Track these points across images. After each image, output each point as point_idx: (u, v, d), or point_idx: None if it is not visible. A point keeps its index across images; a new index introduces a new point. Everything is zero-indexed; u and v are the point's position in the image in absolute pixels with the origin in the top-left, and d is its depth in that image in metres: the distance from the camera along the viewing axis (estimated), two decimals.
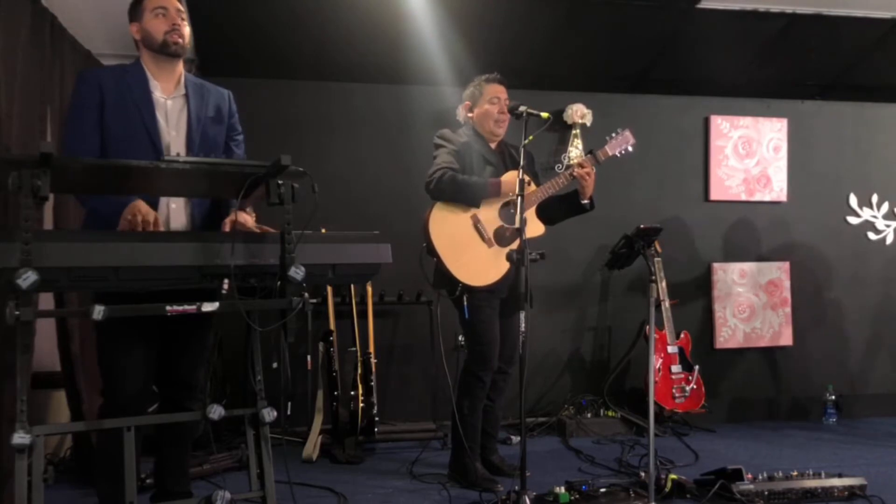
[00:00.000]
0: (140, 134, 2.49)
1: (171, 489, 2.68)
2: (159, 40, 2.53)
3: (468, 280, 3.36)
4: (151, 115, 2.52)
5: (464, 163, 3.45)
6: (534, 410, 4.73)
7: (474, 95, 3.58)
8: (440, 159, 3.44)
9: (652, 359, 3.16)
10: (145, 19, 2.54)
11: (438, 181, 3.35)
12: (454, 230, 3.40)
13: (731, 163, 5.13)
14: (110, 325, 2.35)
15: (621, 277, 4.92)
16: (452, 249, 3.37)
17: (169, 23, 2.53)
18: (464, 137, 3.54)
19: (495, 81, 3.57)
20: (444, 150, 3.48)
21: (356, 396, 4.03)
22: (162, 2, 2.54)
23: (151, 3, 2.54)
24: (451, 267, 3.36)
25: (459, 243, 3.39)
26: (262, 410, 2.38)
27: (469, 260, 3.39)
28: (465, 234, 3.40)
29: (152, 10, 2.53)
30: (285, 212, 2.21)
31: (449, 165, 3.39)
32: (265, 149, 2.69)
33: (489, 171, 3.49)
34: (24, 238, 1.89)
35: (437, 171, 3.37)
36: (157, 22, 2.53)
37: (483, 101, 3.54)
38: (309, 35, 4.31)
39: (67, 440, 3.66)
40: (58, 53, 3.32)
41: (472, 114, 3.58)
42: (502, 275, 3.41)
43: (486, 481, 3.41)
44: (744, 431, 4.72)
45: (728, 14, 4.41)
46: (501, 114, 3.51)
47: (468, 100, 3.61)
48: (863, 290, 5.23)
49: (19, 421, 1.98)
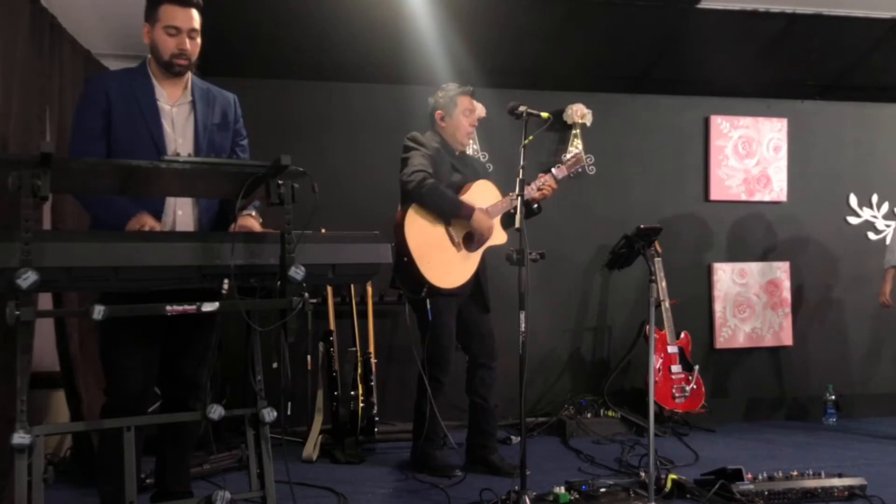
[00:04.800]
0: (145, 140, 2.49)
1: (171, 489, 2.68)
2: (164, 59, 2.53)
3: (437, 282, 3.44)
4: (157, 122, 2.52)
5: (436, 168, 3.53)
6: (534, 410, 4.73)
7: (448, 106, 3.64)
8: (416, 161, 3.50)
9: (652, 359, 3.17)
10: (157, 31, 2.52)
11: (420, 184, 3.42)
12: (427, 233, 3.49)
13: (731, 163, 5.13)
14: (115, 324, 2.36)
15: (621, 277, 4.92)
16: (424, 251, 3.45)
17: (177, 45, 2.51)
18: (434, 143, 3.61)
19: (468, 94, 3.66)
20: (417, 152, 3.53)
21: (356, 396, 4.03)
22: (177, 21, 2.50)
23: (166, 18, 2.50)
24: (421, 268, 3.42)
25: (431, 246, 3.48)
26: (262, 410, 2.38)
27: (438, 263, 3.48)
28: (437, 238, 3.50)
29: (165, 27, 2.50)
30: (285, 212, 2.21)
31: (427, 170, 3.46)
32: (265, 149, 2.70)
33: (457, 178, 3.62)
34: (24, 238, 1.89)
35: (418, 174, 3.43)
36: (167, 40, 2.51)
37: (457, 112, 3.62)
38: (309, 35, 4.31)
39: (67, 440, 3.66)
40: (57, 53, 3.32)
41: (444, 123, 3.65)
42: (468, 278, 3.55)
43: (446, 468, 3.58)
44: (744, 431, 4.72)
45: (728, 14, 4.41)
46: (472, 126, 3.68)
47: (440, 109, 3.64)
48: (863, 289, 5.22)
49: (19, 421, 1.98)
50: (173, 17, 2.50)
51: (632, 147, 5.03)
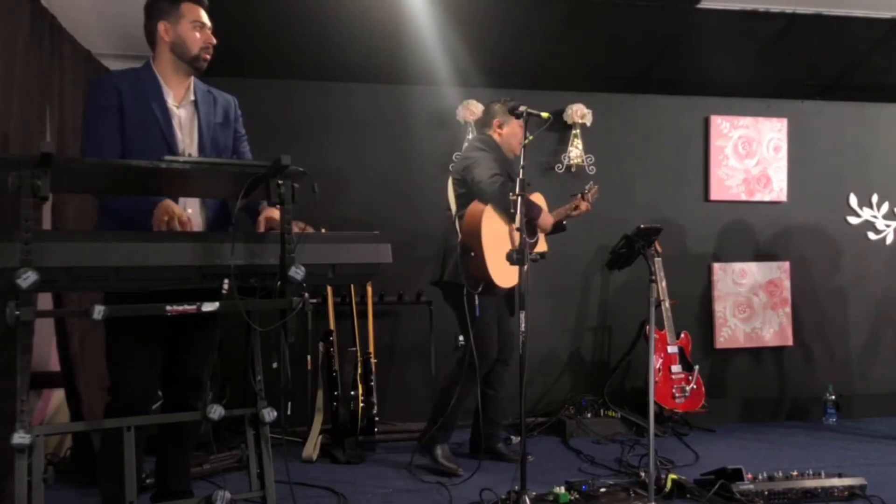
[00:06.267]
0: (157, 141, 2.48)
1: (171, 488, 2.68)
2: (193, 53, 2.56)
3: (498, 280, 3.59)
4: (168, 123, 2.53)
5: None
6: (534, 410, 4.73)
7: (506, 116, 3.79)
8: (489, 164, 3.64)
9: (652, 359, 3.17)
10: (182, 26, 2.54)
11: (502, 186, 3.54)
12: (499, 233, 3.64)
13: (731, 163, 5.13)
14: (119, 325, 2.36)
15: (621, 277, 4.92)
16: (495, 251, 3.58)
17: (205, 40, 2.58)
18: (497, 150, 3.80)
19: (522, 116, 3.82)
20: (488, 155, 3.70)
21: (356, 396, 4.03)
22: (201, 16, 2.58)
23: (192, 14, 2.55)
24: (489, 265, 3.56)
25: (499, 247, 3.61)
26: (262, 410, 2.38)
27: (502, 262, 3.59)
28: (504, 239, 3.64)
29: (192, 21, 2.55)
30: (285, 212, 2.22)
31: (503, 173, 3.63)
32: (265, 149, 2.70)
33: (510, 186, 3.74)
34: (24, 238, 1.89)
35: (498, 177, 3.57)
36: (195, 35, 2.56)
37: (514, 124, 3.75)
38: (309, 35, 4.30)
39: (67, 440, 3.66)
40: (57, 54, 3.32)
41: (502, 130, 3.84)
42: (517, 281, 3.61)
43: (449, 464, 3.67)
44: (744, 431, 4.72)
45: (728, 14, 4.41)
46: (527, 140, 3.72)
47: (499, 117, 3.83)
48: (863, 289, 5.22)
49: (19, 421, 1.98)
50: (198, 13, 2.58)
51: (632, 147, 5.03)
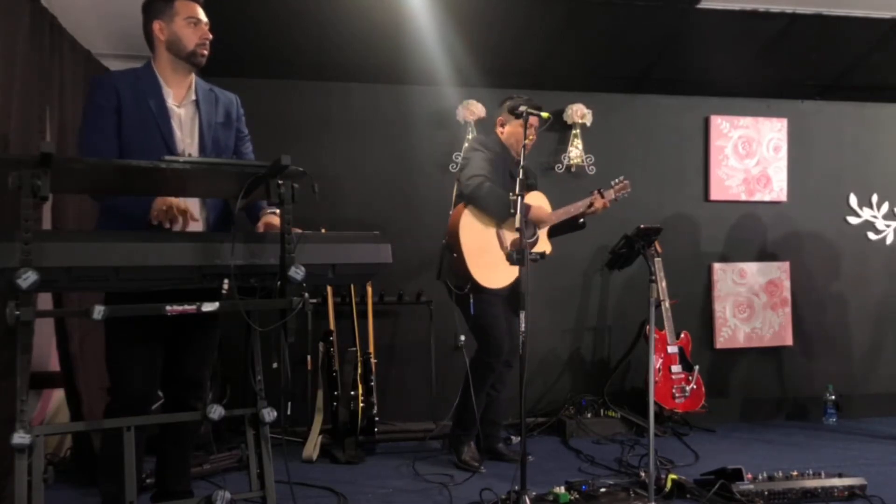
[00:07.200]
0: (156, 141, 2.49)
1: (171, 488, 2.68)
2: (189, 49, 2.56)
3: (483, 281, 3.60)
4: (167, 123, 2.53)
5: (496, 172, 3.67)
6: (534, 410, 4.72)
7: (509, 116, 3.78)
8: (476, 164, 3.63)
9: (652, 359, 3.17)
10: (176, 24, 2.54)
11: (478, 188, 3.55)
12: (479, 235, 3.63)
13: (731, 163, 5.13)
14: (120, 325, 2.36)
15: (621, 277, 4.92)
16: (474, 251, 3.59)
17: (201, 35, 2.58)
18: (497, 148, 3.79)
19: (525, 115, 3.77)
20: (481, 154, 3.69)
21: (356, 396, 4.03)
22: (196, 12, 2.58)
23: (186, 11, 2.55)
24: (470, 267, 3.58)
25: (481, 247, 3.63)
26: (262, 410, 2.38)
27: (486, 263, 3.63)
28: (488, 240, 3.64)
29: (186, 18, 2.55)
30: (285, 212, 2.22)
31: (486, 174, 3.60)
32: (265, 149, 2.70)
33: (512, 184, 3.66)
34: (24, 238, 1.89)
35: (476, 178, 3.57)
36: (191, 31, 2.56)
37: (516, 123, 3.70)
38: (309, 35, 4.30)
39: (67, 440, 3.66)
40: (57, 54, 3.32)
41: (504, 129, 3.82)
42: (511, 281, 3.65)
43: (472, 462, 3.71)
44: (744, 431, 4.72)
45: (728, 14, 4.41)
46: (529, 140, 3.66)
47: (503, 115, 3.82)
48: (863, 289, 5.22)
49: (19, 421, 1.98)
50: (193, 10, 2.57)
51: (632, 147, 5.02)
